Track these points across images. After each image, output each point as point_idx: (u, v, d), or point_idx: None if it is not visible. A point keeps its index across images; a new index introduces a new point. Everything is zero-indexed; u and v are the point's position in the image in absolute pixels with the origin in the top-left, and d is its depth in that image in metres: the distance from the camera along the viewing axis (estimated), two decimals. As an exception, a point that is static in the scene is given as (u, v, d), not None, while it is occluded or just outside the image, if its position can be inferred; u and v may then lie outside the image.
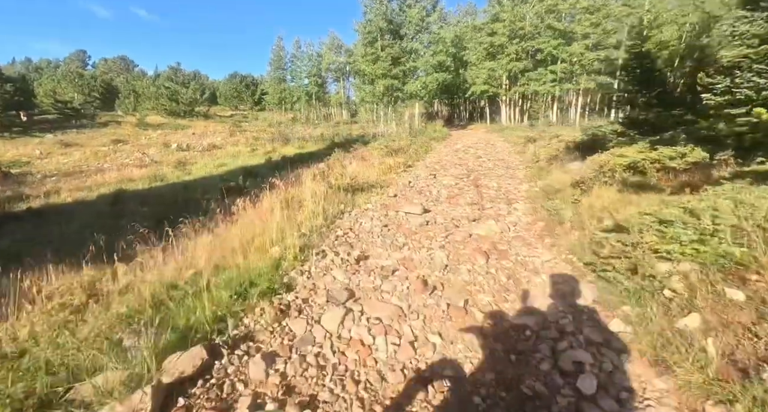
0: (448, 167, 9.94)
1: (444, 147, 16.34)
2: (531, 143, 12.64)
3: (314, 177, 7.99)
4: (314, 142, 23.36)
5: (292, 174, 9.46)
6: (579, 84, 22.01)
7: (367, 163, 10.43)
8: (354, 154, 14.51)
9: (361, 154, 12.95)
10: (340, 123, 39.26)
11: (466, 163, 10.70)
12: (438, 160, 11.40)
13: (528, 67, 23.90)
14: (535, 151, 9.51)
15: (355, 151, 16.13)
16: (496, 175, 8.49)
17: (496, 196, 6.34)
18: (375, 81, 23.73)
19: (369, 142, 19.98)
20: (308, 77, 41.00)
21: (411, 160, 11.00)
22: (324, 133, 25.74)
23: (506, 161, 10.55)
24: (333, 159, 13.54)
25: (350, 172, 9.54)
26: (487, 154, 12.76)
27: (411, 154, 11.83)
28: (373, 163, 10.26)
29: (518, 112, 27.25)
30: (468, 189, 7.03)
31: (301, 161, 15.63)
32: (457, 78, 30.06)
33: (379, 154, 12.46)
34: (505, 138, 17.93)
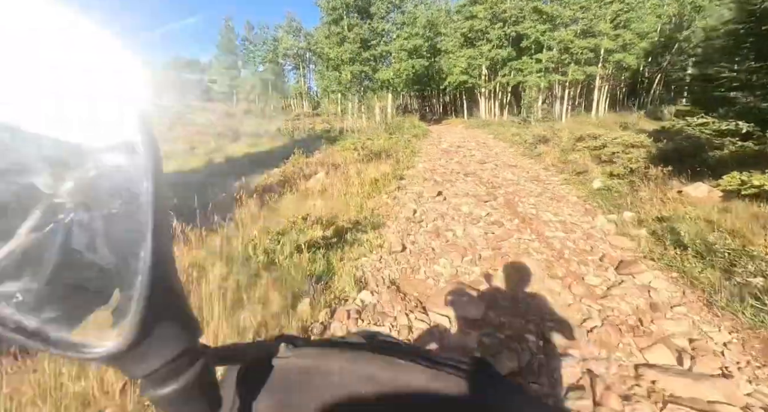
0: (454, 179, 7.21)
1: (429, 146, 13.67)
2: (542, 144, 10.26)
3: (259, 206, 4.92)
4: (270, 139, 19.77)
5: (230, 189, 6.35)
6: (567, 75, 20.28)
7: (341, 175, 7.44)
8: (320, 156, 11.41)
9: (331, 159, 9.88)
10: (300, 116, 35.43)
11: (471, 170, 8.06)
12: (432, 168, 8.65)
13: (512, 56, 21.81)
14: (583, 162, 6.98)
15: (321, 151, 13.01)
16: (529, 193, 5.88)
17: (580, 248, 3.66)
18: (341, 67, 20.49)
19: (336, 139, 16.86)
20: (263, 64, 36.56)
21: (400, 168, 8.14)
22: (282, 127, 22.12)
23: (524, 169, 8.00)
24: (293, 162, 10.44)
25: (317, 188, 6.53)
26: (488, 156, 10.21)
27: (398, 159, 8.97)
28: (349, 175, 7.28)
29: (498, 105, 25.25)
30: (510, 225, 4.33)
31: (250, 164, 12.30)
32: (431, 67, 27.53)
33: (355, 159, 9.49)
34: (495, 135, 15.61)
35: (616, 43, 20.79)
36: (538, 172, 7.55)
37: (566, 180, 6.41)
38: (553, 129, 12.27)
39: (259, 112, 33.44)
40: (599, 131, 8.83)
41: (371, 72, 21.30)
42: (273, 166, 10.90)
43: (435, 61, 26.00)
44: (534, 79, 20.39)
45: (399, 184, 6.80)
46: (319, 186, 6.74)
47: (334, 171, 8.13)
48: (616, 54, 21.58)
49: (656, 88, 28.99)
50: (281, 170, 10.01)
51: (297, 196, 5.93)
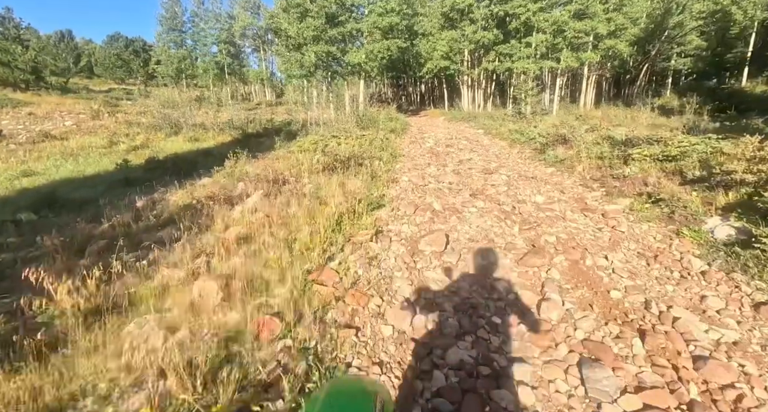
0: (460, 207, 4.76)
1: (410, 144, 11.17)
2: (560, 144, 8.01)
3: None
4: (217, 133, 16.53)
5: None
6: (560, 61, 18.27)
7: (288, 198, 4.78)
8: (269, 160, 8.63)
9: (283, 166, 7.13)
10: (261, 105, 31.78)
11: (478, 187, 5.68)
12: (423, 182, 6.16)
13: (498, 39, 19.52)
14: (657, 181, 4.59)
15: (275, 151, 10.19)
16: (601, 247, 3.50)
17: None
18: (303, 47, 17.39)
19: (297, 134, 13.99)
20: (217, 44, 32.33)
21: (377, 186, 5.57)
22: (235, 118, 18.82)
23: (554, 187, 5.66)
24: (228, 170, 7.72)
25: (237, 233, 3.89)
26: (490, 162, 7.85)
27: (373, 170, 6.37)
28: (299, 198, 4.64)
29: (483, 95, 23.05)
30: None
31: (174, 169, 9.35)
32: (408, 51, 24.84)
33: (313, 165, 6.84)
34: (487, 131, 13.34)
35: (608, 27, 19.01)
36: (581, 193, 5.22)
37: (647, 215, 4.08)
38: (564, 124, 10.08)
39: (212, 100, 29.49)
40: (629, 128, 6.60)
41: (340, 54, 18.32)
42: (205, 173, 8.03)
43: (412, 44, 23.33)
44: (523, 65, 18.25)
45: (377, 220, 4.23)
46: (244, 225, 4.07)
47: (278, 191, 5.45)
48: (607, 40, 19.87)
49: (642, 79, 27.89)
50: (210, 182, 7.22)
51: (189, 256, 3.25)
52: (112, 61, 39.77)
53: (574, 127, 8.61)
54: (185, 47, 32.26)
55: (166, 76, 31.46)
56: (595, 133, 8.26)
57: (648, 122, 11.53)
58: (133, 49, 41.98)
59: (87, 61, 46.73)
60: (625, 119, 12.87)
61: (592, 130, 8.78)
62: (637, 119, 12.45)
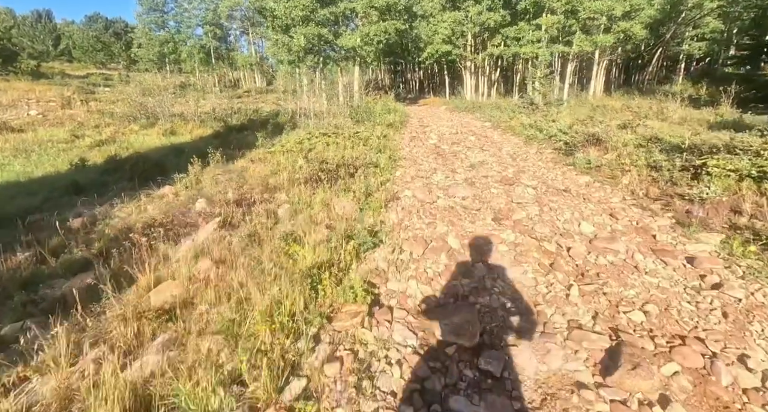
0: (483, 240, 3.52)
1: (411, 141, 9.87)
2: (591, 145, 6.77)
3: None
4: (197, 124, 15.05)
5: None
6: (572, 45, 16.78)
7: (254, 228, 3.52)
8: (243, 164, 7.35)
9: (258, 172, 5.84)
10: (250, 92, 29.97)
11: (502, 208, 4.46)
12: (429, 198, 4.91)
13: (506, 21, 17.93)
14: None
15: (257, 149, 8.87)
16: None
17: None
18: (291, 29, 15.78)
19: (284, 127, 12.59)
20: (202, 26, 30.27)
21: (371, 210, 4.30)
22: (218, 108, 17.30)
23: (602, 208, 4.44)
24: (194, 178, 6.50)
25: (170, 296, 2.62)
26: (506, 165, 6.59)
27: (367, 185, 5.08)
28: (266, 228, 3.38)
29: (487, 83, 21.52)
30: None
31: (148, 169, 8.03)
32: (407, 34, 23.15)
33: (295, 173, 5.57)
34: (495, 124, 12.01)
35: (624, 7, 17.46)
36: (641, 219, 4.00)
37: (762, 266, 2.88)
38: (590, 119, 8.77)
39: (197, 87, 27.69)
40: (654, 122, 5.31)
41: (332, 37, 16.71)
42: (170, 178, 6.72)
43: (411, 26, 21.64)
44: (532, 50, 16.75)
45: (372, 273, 3.00)
46: (179, 282, 2.83)
47: (243, 216, 4.19)
48: (621, 22, 18.34)
49: (655, 64, 26.36)
50: (171, 192, 5.95)
51: (66, 353, 2.01)
52: (91, 43, 37.30)
53: (604, 124, 7.32)
54: (167, 29, 30.16)
55: (148, 61, 29.47)
56: (631, 132, 6.98)
57: (679, 115, 10.26)
58: (113, 31, 39.48)
59: (67, 43, 44.22)
60: (649, 110, 11.56)
61: (624, 127, 7.51)
62: (662, 110, 11.15)
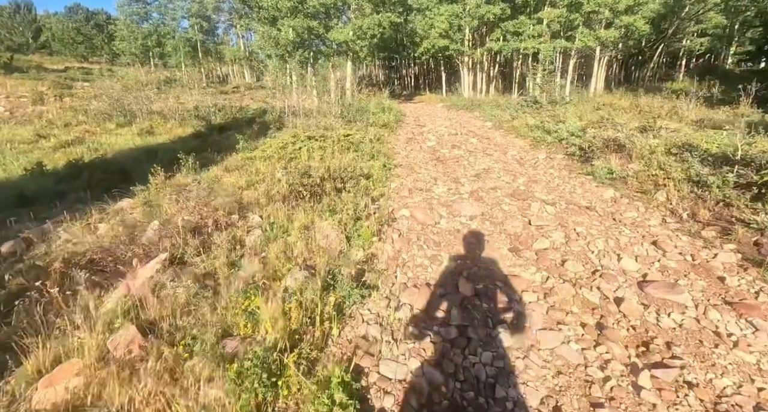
0: (504, 287, 2.74)
1: (406, 143, 9.08)
2: (614, 153, 6.06)
3: None
4: (177, 123, 14.08)
5: None
6: (574, 40, 16.04)
7: (204, 278, 2.67)
8: (219, 172, 6.50)
9: (230, 180, 4.98)
10: (239, 88, 28.84)
11: (519, 233, 3.74)
12: (430, 219, 4.15)
13: (505, 14, 17.12)
14: None
15: (232, 156, 8.00)
16: None
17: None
18: (279, 21, 14.81)
19: (269, 126, 11.71)
20: (188, 18, 28.99)
21: (359, 235, 3.50)
22: (202, 105, 16.30)
23: (647, 234, 3.71)
24: (154, 191, 5.70)
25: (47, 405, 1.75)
26: (514, 174, 5.84)
27: (355, 199, 4.27)
28: (226, 265, 2.55)
29: (485, 80, 20.73)
30: None
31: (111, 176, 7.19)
32: (402, 29, 22.24)
33: (274, 185, 4.76)
34: (497, 124, 11.25)
35: (629, 0, 16.75)
36: (695, 252, 3.26)
37: None
38: (605, 121, 8.04)
39: (183, 82, 26.50)
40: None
41: (323, 30, 15.77)
42: (136, 186, 5.83)
43: (406, 20, 20.74)
44: (533, 45, 15.98)
45: (354, 372, 2.22)
46: (83, 367, 2.01)
47: (201, 249, 3.38)
48: (624, 17, 17.65)
49: (656, 61, 25.77)
50: (129, 206, 5.12)
51: None
52: (71, 36, 35.65)
53: (625, 127, 6.57)
54: (151, 21, 28.83)
55: (130, 55, 28.14)
56: (654, 135, 6.25)
57: (694, 115, 9.57)
58: (95, 23, 37.84)
59: (48, 36, 42.47)
60: (661, 110, 10.88)
61: (644, 130, 6.78)
62: (676, 110, 10.47)
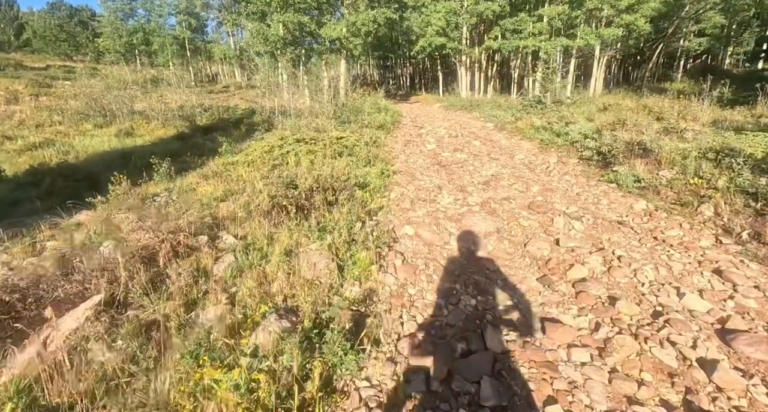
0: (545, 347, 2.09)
1: (406, 146, 8.44)
2: (638, 158, 5.47)
3: None
4: (161, 123, 13.31)
5: None
6: (576, 39, 15.55)
7: (159, 301, 1.97)
8: (195, 179, 5.80)
9: (206, 190, 4.28)
10: (229, 88, 28.02)
11: (545, 257, 3.09)
12: (439, 240, 3.49)
13: (505, 11, 16.59)
14: None
15: (214, 160, 7.31)
16: None
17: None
18: (268, 16, 14.10)
19: (257, 127, 11.01)
20: (175, 15, 28.10)
21: (354, 263, 2.83)
22: (188, 105, 15.53)
23: (704, 261, 3.10)
24: (111, 205, 4.93)
25: None
26: (526, 181, 5.28)
27: (351, 216, 3.61)
28: (177, 318, 1.86)
29: (484, 79, 20.19)
30: None
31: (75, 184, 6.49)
32: (397, 26, 21.63)
33: (256, 195, 4.08)
34: (499, 125, 10.68)
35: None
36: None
37: None
38: (621, 122, 7.48)
39: (170, 81, 25.61)
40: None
41: (315, 27, 15.09)
42: (102, 195, 5.11)
43: (402, 17, 20.11)
44: (534, 43, 15.47)
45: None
46: None
47: (151, 285, 2.70)
48: (625, 15, 17.23)
49: (655, 60, 25.45)
50: (88, 219, 4.44)
51: None
52: (54, 33, 34.45)
53: (649, 128, 6.01)
54: (136, 18, 27.89)
55: (114, 53, 27.15)
56: (678, 138, 5.69)
57: (708, 116, 9.08)
58: (79, 20, 36.66)
59: (30, 33, 41.14)
60: (671, 110, 10.38)
61: (667, 132, 6.22)
62: (688, 111, 9.98)
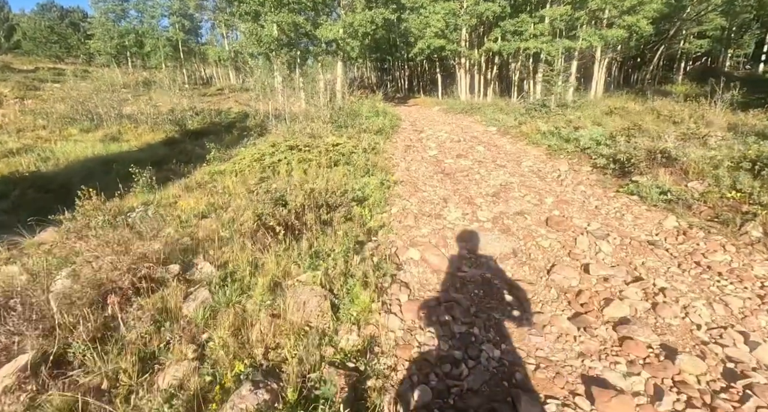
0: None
1: (406, 152, 7.98)
2: (661, 167, 5.03)
3: None
4: (150, 127, 12.80)
5: None
6: (578, 40, 15.20)
7: (109, 356, 1.45)
8: (176, 191, 5.32)
9: (188, 203, 3.78)
10: (224, 91, 27.52)
11: (574, 288, 2.58)
12: (446, 266, 3.00)
13: (506, 12, 16.23)
14: None
15: (196, 169, 6.84)
16: None
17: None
18: (262, 16, 13.66)
19: (252, 131, 10.52)
20: (168, 16, 27.62)
21: (353, 302, 2.35)
22: (178, 108, 15.02)
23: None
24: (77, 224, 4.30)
25: None
26: (537, 191, 4.84)
27: (348, 240, 3.12)
28: (129, 380, 1.33)
29: (483, 82, 19.82)
30: None
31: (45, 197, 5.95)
32: (395, 28, 21.25)
33: (240, 211, 3.57)
34: (502, 129, 10.26)
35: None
36: None
37: None
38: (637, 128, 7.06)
39: (162, 84, 25.10)
40: None
41: (310, 27, 14.66)
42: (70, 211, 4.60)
43: (400, 18, 19.74)
44: (536, 45, 15.12)
45: None
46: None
47: (91, 338, 2.18)
48: (627, 17, 16.94)
49: (656, 63, 25.22)
50: (52, 239, 3.96)
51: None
52: (44, 34, 33.81)
53: (669, 133, 5.58)
54: (128, 19, 27.39)
55: (105, 54, 26.62)
56: (701, 144, 5.26)
57: (725, 121, 8.69)
58: (70, 22, 36.07)
59: (20, 35, 40.51)
60: (681, 113, 10.00)
61: (687, 138, 5.79)
62: (697, 114, 9.59)
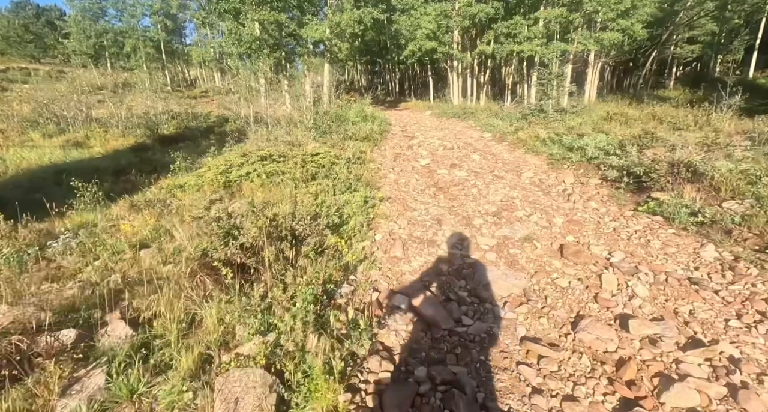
0: None
1: (395, 161, 7.31)
2: (687, 183, 4.43)
3: None
4: (120, 132, 11.91)
5: None
6: (573, 43, 14.82)
7: None
8: (120, 210, 4.50)
9: (133, 227, 3.01)
10: (208, 93, 26.62)
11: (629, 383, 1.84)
12: (443, 340, 2.28)
13: (499, 14, 15.79)
14: None
15: (156, 182, 6.06)
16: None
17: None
18: (243, 14, 12.93)
19: (228, 137, 9.74)
20: (149, 16, 26.66)
21: (308, 401, 1.63)
22: (152, 112, 14.14)
23: None
24: None
25: None
26: (544, 211, 4.18)
27: (314, 289, 2.41)
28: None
29: (476, 85, 19.34)
30: None
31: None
32: (386, 30, 20.72)
33: (193, 240, 2.80)
34: (498, 135, 9.70)
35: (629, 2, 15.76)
36: None
37: None
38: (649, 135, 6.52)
39: (142, 86, 24.13)
40: None
41: (295, 27, 13.98)
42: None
43: (390, 19, 19.21)
44: (531, 48, 14.68)
45: None
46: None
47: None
48: (621, 20, 16.69)
49: (649, 67, 25.16)
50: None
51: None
52: (18, 33, 32.47)
53: (692, 141, 5.02)
54: (107, 18, 26.37)
55: (81, 54, 25.53)
56: (725, 155, 4.70)
57: (732, 127, 8.25)
58: (46, 20, 34.78)
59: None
60: (686, 119, 9.56)
61: (709, 148, 5.24)
62: (700, 119, 9.16)
